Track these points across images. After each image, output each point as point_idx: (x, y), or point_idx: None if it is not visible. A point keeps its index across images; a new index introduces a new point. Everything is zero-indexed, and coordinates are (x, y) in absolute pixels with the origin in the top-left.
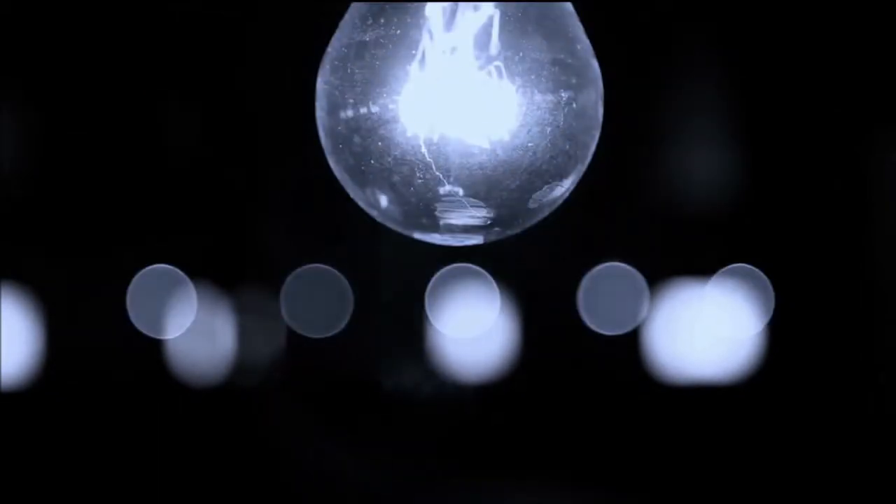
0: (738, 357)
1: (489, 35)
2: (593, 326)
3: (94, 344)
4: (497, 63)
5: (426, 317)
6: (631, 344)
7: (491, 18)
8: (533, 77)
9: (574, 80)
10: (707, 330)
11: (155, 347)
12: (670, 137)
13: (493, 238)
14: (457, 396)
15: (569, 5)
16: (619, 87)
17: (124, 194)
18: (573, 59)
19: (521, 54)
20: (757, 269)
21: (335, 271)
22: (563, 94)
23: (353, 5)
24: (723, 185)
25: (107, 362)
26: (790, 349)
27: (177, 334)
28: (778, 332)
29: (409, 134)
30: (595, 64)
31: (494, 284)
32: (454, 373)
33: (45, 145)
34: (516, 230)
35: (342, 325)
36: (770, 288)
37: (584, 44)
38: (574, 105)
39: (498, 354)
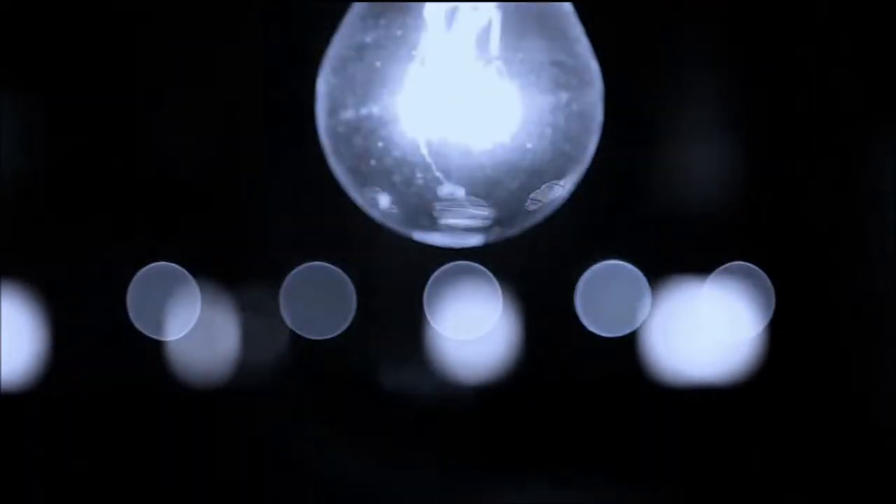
0: (737, 358)
1: (489, 35)
2: (592, 327)
3: (94, 344)
4: (497, 63)
5: (426, 317)
6: (631, 345)
7: (491, 19)
8: (533, 78)
9: (574, 81)
10: (706, 331)
11: (156, 348)
12: (669, 135)
13: (492, 238)
14: (457, 397)
15: (568, 5)
16: (618, 87)
17: (125, 194)
18: (573, 59)
19: (521, 55)
20: (757, 269)
21: (336, 271)
22: (563, 95)
23: (354, 5)
24: (723, 183)
25: (108, 363)
26: (790, 350)
27: (179, 335)
28: (778, 332)
29: (409, 135)
30: (595, 64)
31: (495, 284)
32: (454, 373)
33: (45, 143)
34: (516, 230)
35: (343, 326)
36: (771, 287)
37: (584, 44)
38: (574, 106)
39: (498, 355)
